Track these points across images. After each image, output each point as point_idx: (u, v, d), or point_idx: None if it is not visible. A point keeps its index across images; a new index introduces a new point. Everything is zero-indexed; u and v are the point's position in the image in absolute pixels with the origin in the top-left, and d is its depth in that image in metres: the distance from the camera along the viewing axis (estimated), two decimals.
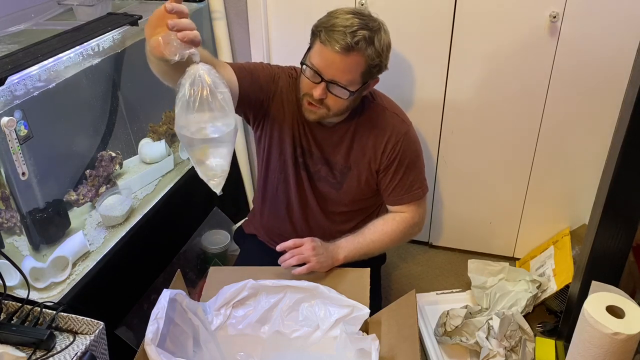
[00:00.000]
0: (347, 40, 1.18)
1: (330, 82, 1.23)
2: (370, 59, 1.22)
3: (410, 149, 1.39)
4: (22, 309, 1.13)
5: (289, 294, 1.29)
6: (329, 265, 1.34)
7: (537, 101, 1.73)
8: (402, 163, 1.39)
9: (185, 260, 1.79)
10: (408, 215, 1.43)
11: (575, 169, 1.80)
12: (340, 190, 1.44)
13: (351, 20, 1.20)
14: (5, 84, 1.13)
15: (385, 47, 1.25)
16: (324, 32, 1.20)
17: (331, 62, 1.21)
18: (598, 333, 1.09)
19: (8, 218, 1.33)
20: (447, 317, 1.58)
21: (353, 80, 1.24)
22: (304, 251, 1.31)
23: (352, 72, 1.22)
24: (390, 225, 1.42)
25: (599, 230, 1.29)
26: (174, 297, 1.19)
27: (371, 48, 1.21)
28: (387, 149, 1.37)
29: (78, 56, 1.34)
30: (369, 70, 1.24)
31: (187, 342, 1.19)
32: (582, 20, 1.57)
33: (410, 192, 1.41)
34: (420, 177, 1.43)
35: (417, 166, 1.42)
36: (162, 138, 1.80)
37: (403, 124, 1.39)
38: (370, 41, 1.21)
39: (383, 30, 1.25)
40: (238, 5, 1.84)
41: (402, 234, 1.43)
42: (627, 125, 1.14)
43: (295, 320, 1.28)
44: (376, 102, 1.40)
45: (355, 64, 1.21)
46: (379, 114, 1.38)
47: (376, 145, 1.38)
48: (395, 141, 1.37)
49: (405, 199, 1.42)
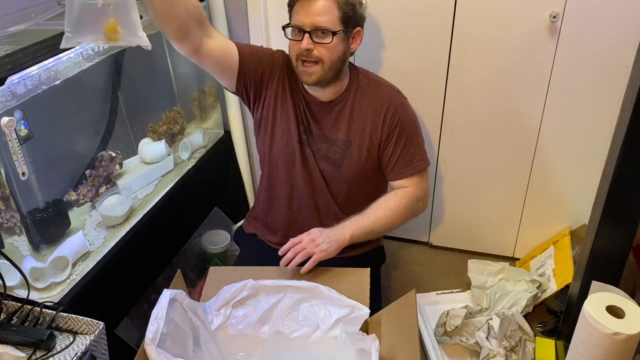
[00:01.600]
0: None
1: (312, 31, 1.29)
2: (342, 2, 1.28)
3: (409, 119, 1.43)
4: (22, 309, 1.13)
5: (289, 294, 1.29)
6: (336, 249, 1.33)
7: (537, 101, 1.73)
8: (401, 134, 1.41)
9: (185, 260, 1.79)
10: (411, 190, 1.44)
11: (575, 169, 1.80)
12: (341, 168, 1.45)
13: None
14: (5, 84, 1.13)
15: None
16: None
17: (307, 9, 1.29)
18: (598, 333, 1.09)
19: (8, 218, 1.33)
20: (447, 317, 1.58)
21: (332, 21, 1.29)
22: (305, 245, 1.31)
23: (329, 14, 1.28)
24: (393, 200, 1.42)
25: (599, 230, 1.29)
26: (174, 297, 1.19)
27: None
28: (387, 119, 1.40)
29: (78, 56, 1.34)
30: (344, 15, 1.30)
31: (187, 342, 1.19)
32: (582, 20, 1.57)
33: (412, 164, 1.43)
34: (421, 150, 1.45)
35: (417, 138, 1.45)
36: (162, 138, 1.80)
37: (400, 95, 1.44)
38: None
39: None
40: (238, 5, 1.84)
41: (407, 209, 1.43)
42: (627, 125, 1.15)
43: (295, 320, 1.28)
44: (371, 78, 1.45)
45: (328, 6, 1.28)
46: (375, 87, 1.43)
47: (375, 116, 1.41)
48: (393, 110, 1.41)
49: (407, 172, 1.43)
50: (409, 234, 2.13)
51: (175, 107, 1.90)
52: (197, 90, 2.00)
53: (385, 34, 1.76)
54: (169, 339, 1.13)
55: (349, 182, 1.47)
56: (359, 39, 1.38)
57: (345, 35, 1.33)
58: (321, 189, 1.49)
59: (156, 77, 1.87)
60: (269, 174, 1.53)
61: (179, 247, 1.76)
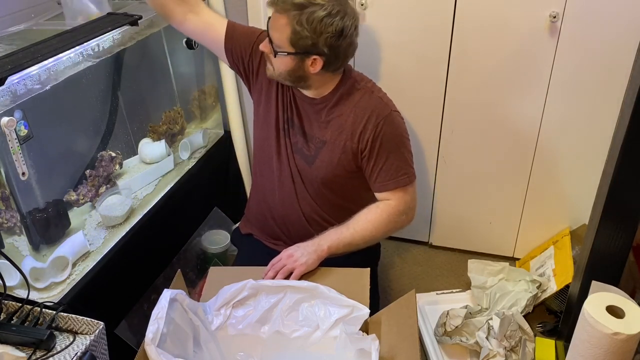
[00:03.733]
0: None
1: (269, 38, 1.32)
2: (295, 24, 1.25)
3: (393, 132, 1.39)
4: (22, 309, 1.13)
5: (289, 294, 1.29)
6: (315, 259, 1.33)
7: (537, 101, 1.73)
8: (384, 146, 1.38)
9: (185, 260, 1.79)
10: (393, 203, 1.42)
11: (575, 169, 1.80)
12: (312, 165, 1.44)
13: None
14: (5, 84, 1.13)
15: (316, 22, 1.25)
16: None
17: (272, 17, 1.30)
18: (598, 333, 1.09)
19: (8, 218, 1.33)
20: (447, 317, 1.58)
21: (280, 41, 1.29)
22: (284, 262, 1.32)
23: (279, 32, 1.28)
24: (373, 213, 1.41)
25: (599, 230, 1.29)
26: (174, 297, 1.19)
27: (297, 14, 1.24)
28: (367, 129, 1.37)
29: (78, 56, 1.34)
30: (296, 38, 1.27)
31: (187, 342, 1.19)
32: (582, 20, 1.57)
33: (396, 177, 1.40)
34: (406, 164, 1.42)
35: (402, 151, 1.41)
36: (162, 138, 1.80)
37: (385, 107, 1.39)
38: (299, 7, 1.24)
39: (331, 13, 1.25)
40: (238, 5, 1.84)
41: (387, 222, 1.41)
42: (627, 125, 1.15)
43: (295, 320, 1.28)
44: (364, 85, 1.41)
45: (281, 24, 1.27)
46: (363, 95, 1.39)
47: (355, 123, 1.38)
48: (375, 122, 1.36)
49: (390, 185, 1.40)
50: (409, 234, 2.13)
51: (175, 107, 1.90)
52: (197, 90, 2.00)
53: (385, 34, 1.76)
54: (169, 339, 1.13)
55: (319, 182, 1.46)
56: (317, 66, 1.31)
57: (295, 56, 1.30)
58: (298, 183, 1.48)
59: (156, 77, 1.87)
60: (255, 165, 1.56)
61: (179, 247, 1.76)
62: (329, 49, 1.28)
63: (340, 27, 1.27)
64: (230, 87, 1.96)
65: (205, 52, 1.93)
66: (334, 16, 1.26)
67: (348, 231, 1.38)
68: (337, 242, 1.36)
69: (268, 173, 1.51)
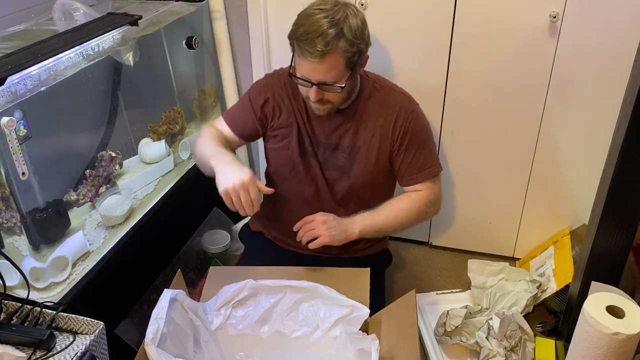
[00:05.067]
0: (318, 47, 1.21)
1: (319, 84, 1.28)
2: (346, 51, 1.24)
3: (420, 126, 1.41)
4: (22, 309, 1.13)
5: (289, 294, 1.29)
6: (342, 239, 1.34)
7: (537, 101, 1.73)
8: (412, 140, 1.40)
9: (185, 260, 1.79)
10: (424, 193, 1.44)
11: (575, 169, 1.80)
12: (350, 174, 1.44)
13: (316, 22, 1.23)
14: (5, 84, 1.13)
15: (358, 31, 1.25)
16: (297, 45, 1.26)
17: (312, 70, 1.26)
18: (598, 333, 1.09)
19: (8, 218, 1.33)
20: (447, 317, 1.58)
21: (339, 75, 1.27)
22: (315, 225, 1.33)
23: (335, 69, 1.25)
24: (405, 202, 1.42)
25: (599, 230, 1.29)
26: (174, 297, 1.19)
27: (343, 41, 1.23)
28: (397, 126, 1.39)
29: (78, 56, 1.34)
30: (350, 60, 1.26)
31: (188, 342, 1.19)
32: (582, 20, 1.57)
33: (424, 170, 1.42)
34: (433, 155, 1.45)
35: (428, 144, 1.44)
36: (162, 138, 1.80)
37: (410, 102, 1.42)
38: (340, 35, 1.22)
39: (351, 14, 1.26)
40: (238, 5, 1.84)
41: (419, 211, 1.43)
42: (627, 125, 1.14)
43: (295, 320, 1.28)
44: (383, 84, 1.43)
45: (334, 62, 1.24)
46: (385, 94, 1.41)
47: (385, 123, 1.39)
48: (404, 117, 1.39)
49: (420, 178, 1.43)
50: (409, 234, 2.13)
51: (175, 107, 1.90)
52: (197, 90, 2.00)
53: (385, 34, 1.76)
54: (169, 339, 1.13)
55: (358, 189, 1.46)
56: (364, 64, 1.36)
57: (353, 73, 1.30)
58: (327, 201, 1.48)
59: (156, 77, 1.87)
60: (277, 183, 1.53)
61: (179, 247, 1.76)
62: (367, 47, 1.32)
63: (362, 16, 1.29)
64: (230, 87, 1.96)
65: (205, 52, 1.94)
66: (356, 14, 1.27)
67: (380, 217, 1.39)
68: (369, 227, 1.38)
69: (289, 191, 1.50)
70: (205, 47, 1.91)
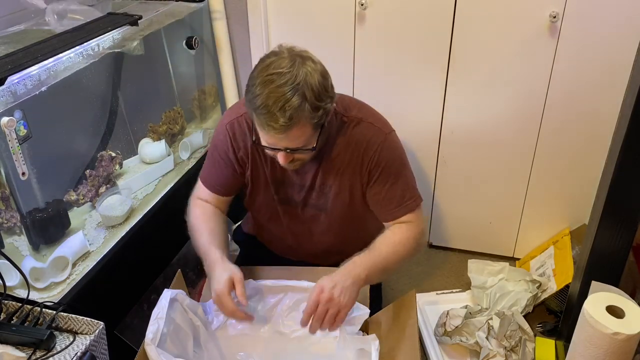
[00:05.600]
0: (280, 122, 1.09)
1: (287, 150, 1.18)
2: (312, 117, 1.12)
3: (392, 156, 1.29)
4: (22, 309, 1.13)
5: (289, 294, 1.29)
6: (357, 292, 1.19)
7: (537, 101, 1.73)
8: (385, 173, 1.29)
9: (185, 260, 1.78)
10: (412, 224, 1.31)
11: (575, 169, 1.80)
12: (327, 211, 1.37)
13: (275, 92, 1.08)
14: (5, 84, 1.13)
15: (321, 90, 1.12)
16: (256, 117, 1.13)
17: (278, 140, 1.15)
18: (598, 333, 1.09)
19: (8, 218, 1.33)
20: (447, 317, 1.58)
21: (307, 140, 1.17)
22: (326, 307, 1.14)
23: (302, 136, 1.14)
24: (399, 234, 1.29)
25: (599, 230, 1.29)
26: (174, 297, 1.19)
27: (308, 108, 1.10)
28: (365, 161, 1.28)
29: (78, 56, 1.34)
30: (317, 124, 1.15)
31: (187, 342, 1.19)
32: (582, 20, 1.57)
33: (402, 204, 1.30)
34: (410, 186, 1.32)
35: (404, 174, 1.32)
36: (162, 138, 1.80)
37: (380, 133, 1.29)
38: (304, 103, 1.09)
39: (310, 71, 1.11)
40: (238, 5, 1.84)
41: (415, 242, 1.30)
42: (627, 125, 1.14)
43: (295, 320, 1.28)
44: (349, 116, 1.29)
45: (300, 131, 1.13)
46: (353, 128, 1.28)
47: (353, 159, 1.29)
48: (373, 150, 1.27)
49: (398, 212, 1.31)
50: None
51: (175, 107, 1.90)
52: (197, 90, 2.00)
53: (385, 34, 1.76)
54: (169, 339, 1.13)
55: (338, 224, 1.38)
56: (331, 114, 1.22)
57: (324, 129, 1.20)
58: (311, 234, 1.43)
59: (156, 77, 1.87)
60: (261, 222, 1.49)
61: (179, 247, 1.76)
62: (333, 101, 1.19)
63: (321, 67, 1.15)
64: (230, 87, 1.96)
65: (205, 52, 1.94)
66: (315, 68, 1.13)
67: (380, 256, 1.25)
68: (373, 269, 1.22)
69: (275, 226, 1.46)
70: (205, 47, 1.91)
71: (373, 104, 1.94)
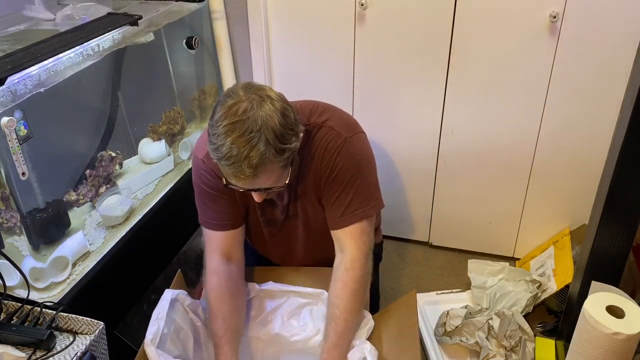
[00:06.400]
0: (247, 172, 1.04)
1: (259, 190, 1.15)
2: (279, 159, 1.07)
3: (348, 162, 1.22)
4: (22, 309, 1.13)
5: (291, 298, 1.29)
6: None
7: (537, 101, 1.73)
8: (337, 179, 1.22)
9: (185, 260, 1.79)
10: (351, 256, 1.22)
11: (575, 169, 1.80)
12: (303, 220, 1.33)
13: (235, 143, 1.03)
14: (5, 84, 1.13)
15: (283, 132, 1.07)
16: (221, 165, 1.08)
17: (247, 184, 1.11)
18: (598, 333, 1.09)
19: (8, 218, 1.33)
20: (447, 317, 1.58)
21: (278, 178, 1.13)
22: None
23: (272, 177, 1.10)
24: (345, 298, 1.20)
25: (599, 230, 1.29)
26: (175, 297, 1.19)
27: (272, 153, 1.05)
28: (322, 166, 1.22)
29: (78, 56, 1.34)
30: (285, 163, 1.11)
31: (188, 343, 1.19)
32: (582, 20, 1.57)
33: (348, 213, 1.23)
34: (363, 196, 1.23)
35: (359, 182, 1.23)
36: (162, 138, 1.80)
37: (338, 137, 1.22)
38: (267, 149, 1.04)
39: (269, 111, 1.05)
40: (238, 5, 1.84)
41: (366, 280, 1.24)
42: (627, 125, 1.14)
43: (296, 323, 1.28)
44: (310, 123, 1.23)
45: (269, 174, 1.09)
46: (315, 134, 1.23)
47: (313, 166, 1.24)
48: (329, 156, 1.21)
49: (343, 222, 1.23)
50: (409, 234, 2.13)
51: (175, 107, 1.90)
52: (197, 90, 2.00)
53: (385, 34, 1.76)
54: (169, 340, 1.13)
55: (316, 230, 1.34)
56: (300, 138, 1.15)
57: (294, 161, 1.17)
58: (292, 252, 1.40)
59: (156, 77, 1.87)
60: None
61: (179, 247, 1.76)
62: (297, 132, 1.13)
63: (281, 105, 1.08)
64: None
65: (205, 52, 1.94)
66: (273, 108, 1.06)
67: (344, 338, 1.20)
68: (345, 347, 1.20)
69: (261, 246, 1.44)
70: (205, 47, 1.92)
71: (373, 103, 1.95)
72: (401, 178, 2.01)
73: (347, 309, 1.20)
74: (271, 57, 1.93)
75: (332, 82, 1.89)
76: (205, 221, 1.31)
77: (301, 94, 1.98)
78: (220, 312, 1.23)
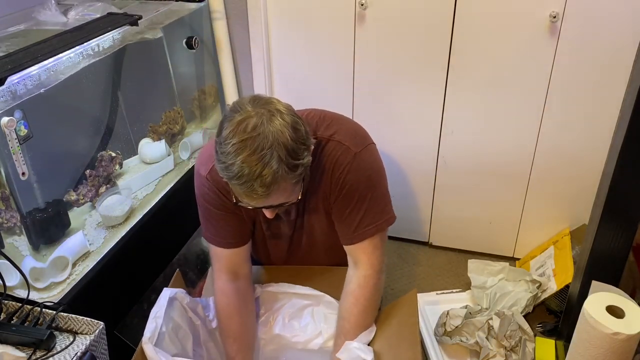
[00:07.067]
0: (260, 192, 1.01)
1: (271, 207, 1.12)
2: (292, 176, 1.04)
3: (358, 179, 1.19)
4: (22, 309, 1.13)
5: (293, 300, 1.29)
6: None
7: (537, 101, 1.73)
8: (347, 196, 1.20)
9: (185, 260, 1.79)
10: (366, 270, 1.22)
11: (575, 169, 1.80)
12: (308, 233, 1.32)
13: (246, 162, 0.99)
14: (5, 84, 1.13)
15: (295, 147, 1.03)
16: (233, 187, 1.05)
17: (259, 203, 1.07)
18: (598, 333, 1.09)
19: (8, 218, 1.33)
20: (447, 317, 1.58)
21: (290, 195, 1.10)
22: None
23: (285, 194, 1.07)
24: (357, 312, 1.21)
25: (599, 230, 1.29)
26: (174, 296, 1.19)
27: (284, 168, 1.01)
28: (332, 182, 1.20)
29: (78, 56, 1.34)
30: (298, 179, 1.08)
31: (187, 342, 1.19)
32: (582, 20, 1.57)
33: (359, 229, 1.21)
34: (374, 211, 1.22)
35: (370, 198, 1.21)
36: (162, 138, 1.80)
37: (347, 153, 1.19)
38: (280, 167, 1.00)
39: (279, 127, 1.01)
40: (238, 5, 1.84)
41: (378, 292, 1.25)
42: (627, 125, 1.14)
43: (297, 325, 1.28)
44: (317, 137, 1.19)
45: (281, 191, 1.05)
46: (323, 148, 1.20)
47: (323, 181, 1.21)
48: (339, 173, 1.19)
49: (355, 238, 1.22)
50: (409, 234, 2.13)
51: (175, 107, 1.90)
52: (197, 90, 2.00)
53: (385, 34, 1.76)
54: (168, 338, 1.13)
55: (321, 243, 1.34)
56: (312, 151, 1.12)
57: (305, 176, 1.14)
58: (299, 254, 1.38)
59: (156, 77, 1.87)
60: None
61: (179, 247, 1.76)
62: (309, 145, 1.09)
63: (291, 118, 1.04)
64: (231, 87, 1.96)
65: (205, 52, 1.94)
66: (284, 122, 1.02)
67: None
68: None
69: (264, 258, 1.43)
70: (205, 47, 1.92)
71: (373, 103, 1.95)
72: (401, 178, 2.01)
73: (358, 324, 1.22)
74: (271, 57, 1.93)
75: (332, 82, 1.89)
76: (210, 237, 1.29)
77: (301, 94, 1.99)
78: (230, 333, 1.24)
